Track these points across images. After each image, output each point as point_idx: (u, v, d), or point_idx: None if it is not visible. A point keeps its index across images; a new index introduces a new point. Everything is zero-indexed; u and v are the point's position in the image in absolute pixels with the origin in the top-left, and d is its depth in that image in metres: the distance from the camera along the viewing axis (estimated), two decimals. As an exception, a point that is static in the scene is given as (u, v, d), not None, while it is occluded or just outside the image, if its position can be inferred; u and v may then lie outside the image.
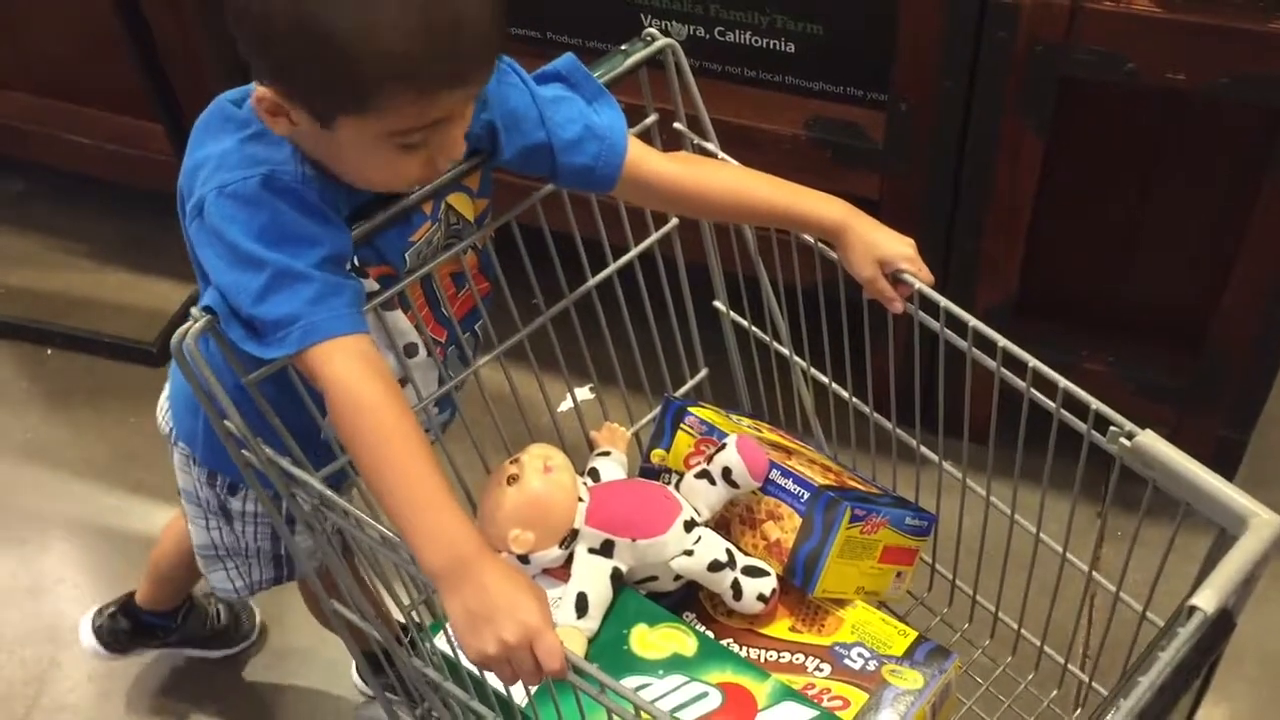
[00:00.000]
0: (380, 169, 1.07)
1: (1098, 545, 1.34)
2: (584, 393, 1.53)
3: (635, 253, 1.38)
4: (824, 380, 1.44)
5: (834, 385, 1.43)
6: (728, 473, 1.29)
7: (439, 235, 1.21)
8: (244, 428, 1.09)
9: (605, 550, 1.27)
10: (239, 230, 1.02)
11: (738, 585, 1.27)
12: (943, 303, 1.24)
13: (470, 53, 0.99)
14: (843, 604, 1.32)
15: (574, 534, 1.27)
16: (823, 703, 1.22)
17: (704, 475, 1.31)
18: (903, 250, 1.26)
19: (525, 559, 1.26)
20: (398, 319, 1.21)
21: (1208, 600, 0.96)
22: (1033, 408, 1.20)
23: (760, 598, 1.28)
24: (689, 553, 1.27)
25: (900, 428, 1.39)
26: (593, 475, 1.38)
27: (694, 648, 1.24)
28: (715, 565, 1.27)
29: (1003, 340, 1.20)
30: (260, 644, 1.89)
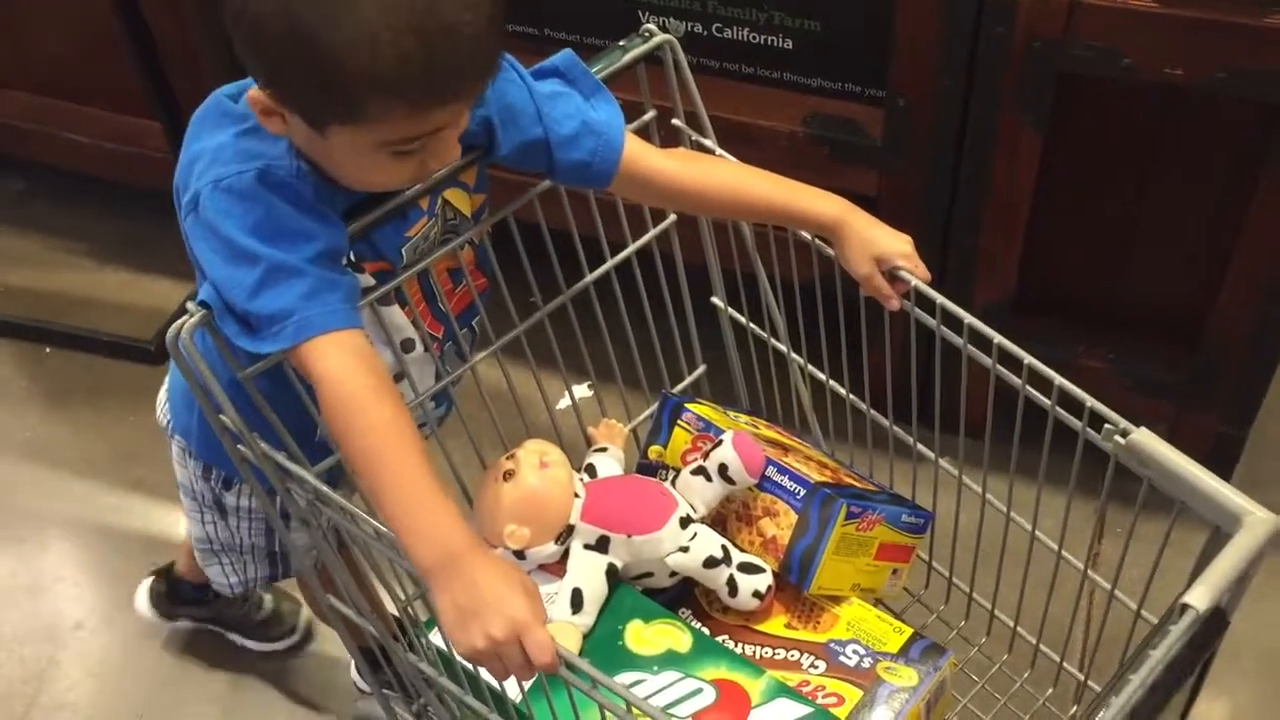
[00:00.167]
0: (373, 174, 1.07)
1: (1093, 543, 1.34)
2: (582, 389, 1.53)
3: (633, 249, 1.38)
4: (821, 377, 1.44)
5: (831, 382, 1.43)
6: (724, 469, 1.29)
7: (435, 230, 1.21)
8: (239, 422, 1.09)
9: (601, 546, 1.27)
10: (234, 225, 1.02)
11: (733, 582, 1.27)
12: (939, 300, 1.24)
13: (464, 68, 0.98)
14: (838, 601, 1.32)
15: (570, 530, 1.27)
16: (817, 699, 1.22)
17: (700, 471, 1.31)
18: (899, 247, 1.26)
19: (521, 555, 1.26)
20: (394, 314, 1.21)
21: (1200, 598, 0.96)
22: (1029, 405, 1.20)
23: (756, 594, 1.28)
24: (684, 549, 1.28)
25: (897, 424, 1.39)
26: (589, 471, 1.38)
27: (688, 644, 1.24)
28: (711, 561, 1.27)
29: (998, 337, 1.20)
30: (304, 646, 1.85)
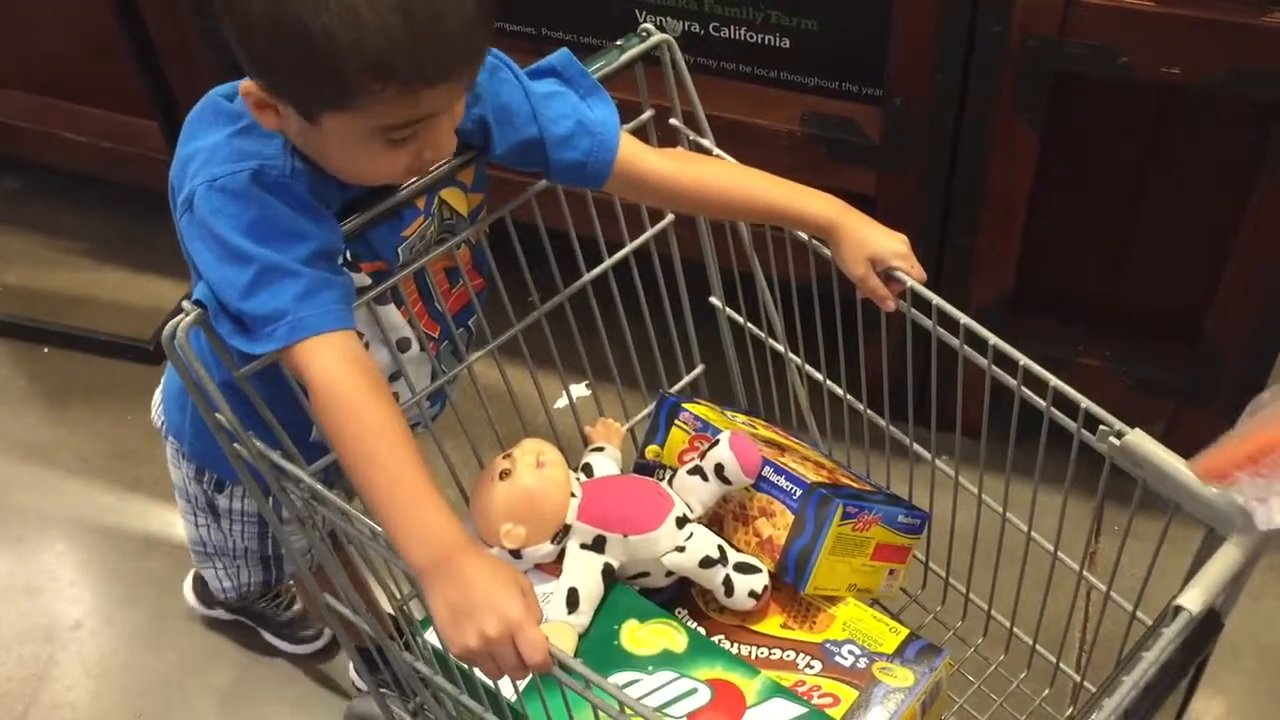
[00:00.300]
0: (367, 164, 1.06)
1: (1088, 544, 1.34)
2: (579, 389, 1.53)
3: (631, 248, 1.38)
4: (819, 377, 1.44)
5: (828, 382, 1.43)
6: (720, 469, 1.29)
7: (432, 230, 1.21)
8: (234, 421, 1.09)
9: (597, 546, 1.27)
10: (228, 224, 1.02)
11: (729, 582, 1.27)
12: (935, 300, 1.23)
13: (453, 48, 0.97)
14: (834, 601, 1.32)
15: (566, 529, 1.27)
16: (813, 700, 1.22)
17: (697, 471, 1.31)
18: (894, 247, 1.26)
19: (517, 554, 1.26)
20: (390, 313, 1.21)
21: (1193, 600, 0.96)
22: (1025, 405, 1.20)
23: (752, 594, 1.28)
24: (681, 549, 1.27)
25: (894, 424, 1.39)
26: (586, 471, 1.38)
27: (684, 644, 1.24)
28: (707, 561, 1.27)
29: (993, 338, 1.20)
30: (333, 652, 1.86)
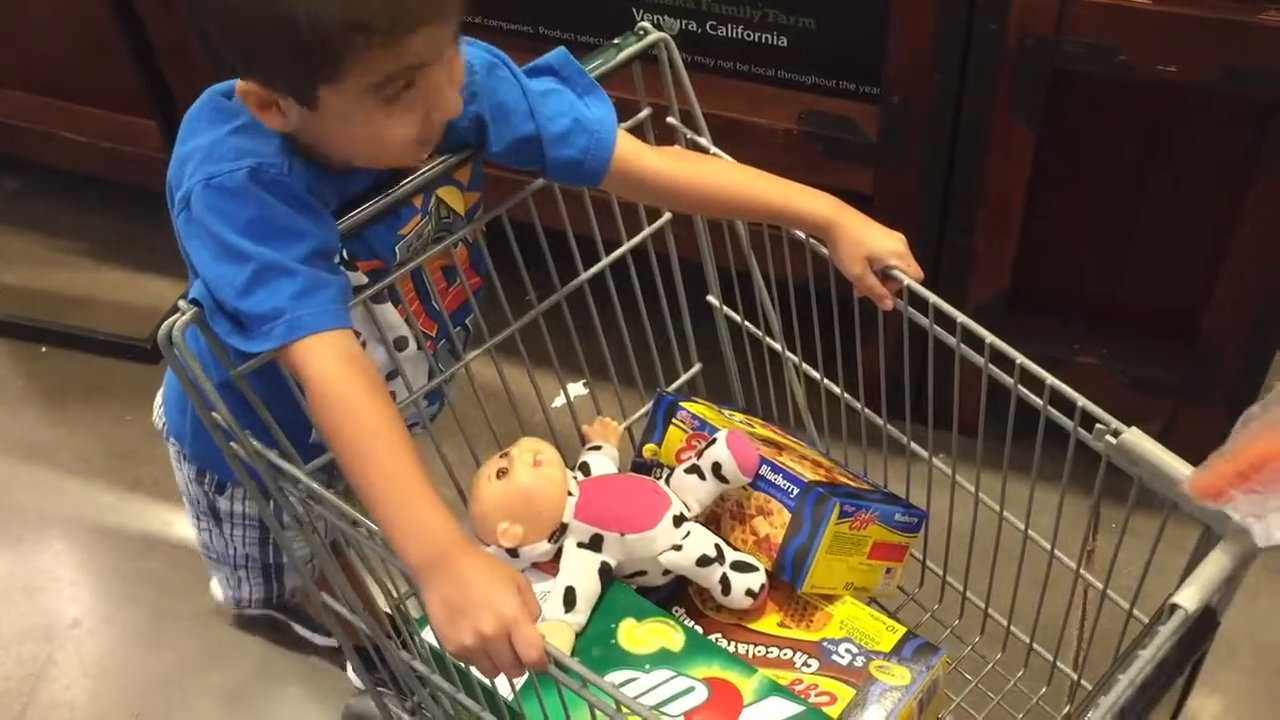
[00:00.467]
0: (375, 135, 1.03)
1: (1085, 543, 1.34)
2: (577, 388, 1.53)
3: (628, 247, 1.38)
4: (816, 376, 1.44)
5: (826, 381, 1.43)
6: (717, 468, 1.29)
7: (429, 229, 1.21)
8: (231, 420, 1.09)
9: (594, 545, 1.27)
10: (225, 223, 1.02)
11: (726, 580, 1.27)
12: (932, 299, 1.23)
13: None
14: (831, 600, 1.32)
15: (563, 528, 1.27)
16: (810, 698, 1.22)
17: (694, 470, 1.31)
18: (892, 246, 1.26)
19: (514, 553, 1.26)
20: (388, 312, 1.21)
21: (1189, 599, 0.96)
22: (1022, 404, 1.20)
23: (749, 593, 1.28)
24: (678, 548, 1.27)
25: (891, 423, 1.39)
26: (584, 470, 1.38)
27: (681, 643, 1.24)
28: (704, 560, 1.27)
29: (990, 337, 1.20)
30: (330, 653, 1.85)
